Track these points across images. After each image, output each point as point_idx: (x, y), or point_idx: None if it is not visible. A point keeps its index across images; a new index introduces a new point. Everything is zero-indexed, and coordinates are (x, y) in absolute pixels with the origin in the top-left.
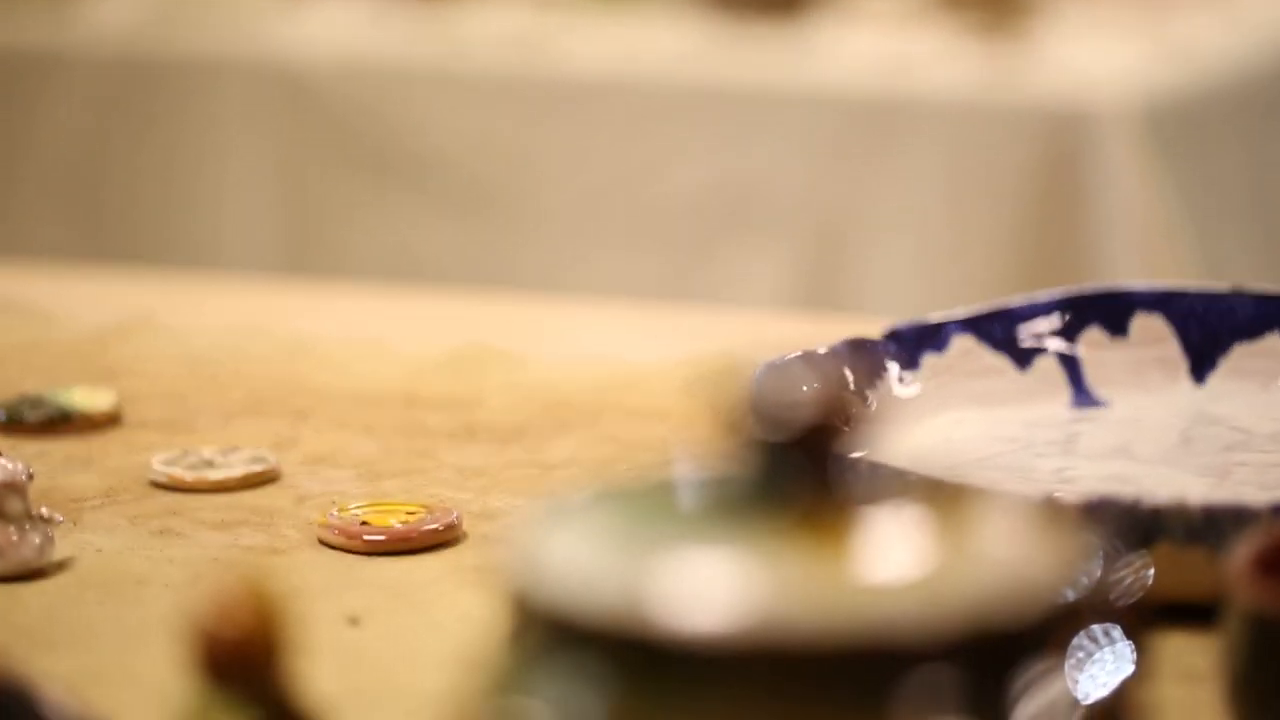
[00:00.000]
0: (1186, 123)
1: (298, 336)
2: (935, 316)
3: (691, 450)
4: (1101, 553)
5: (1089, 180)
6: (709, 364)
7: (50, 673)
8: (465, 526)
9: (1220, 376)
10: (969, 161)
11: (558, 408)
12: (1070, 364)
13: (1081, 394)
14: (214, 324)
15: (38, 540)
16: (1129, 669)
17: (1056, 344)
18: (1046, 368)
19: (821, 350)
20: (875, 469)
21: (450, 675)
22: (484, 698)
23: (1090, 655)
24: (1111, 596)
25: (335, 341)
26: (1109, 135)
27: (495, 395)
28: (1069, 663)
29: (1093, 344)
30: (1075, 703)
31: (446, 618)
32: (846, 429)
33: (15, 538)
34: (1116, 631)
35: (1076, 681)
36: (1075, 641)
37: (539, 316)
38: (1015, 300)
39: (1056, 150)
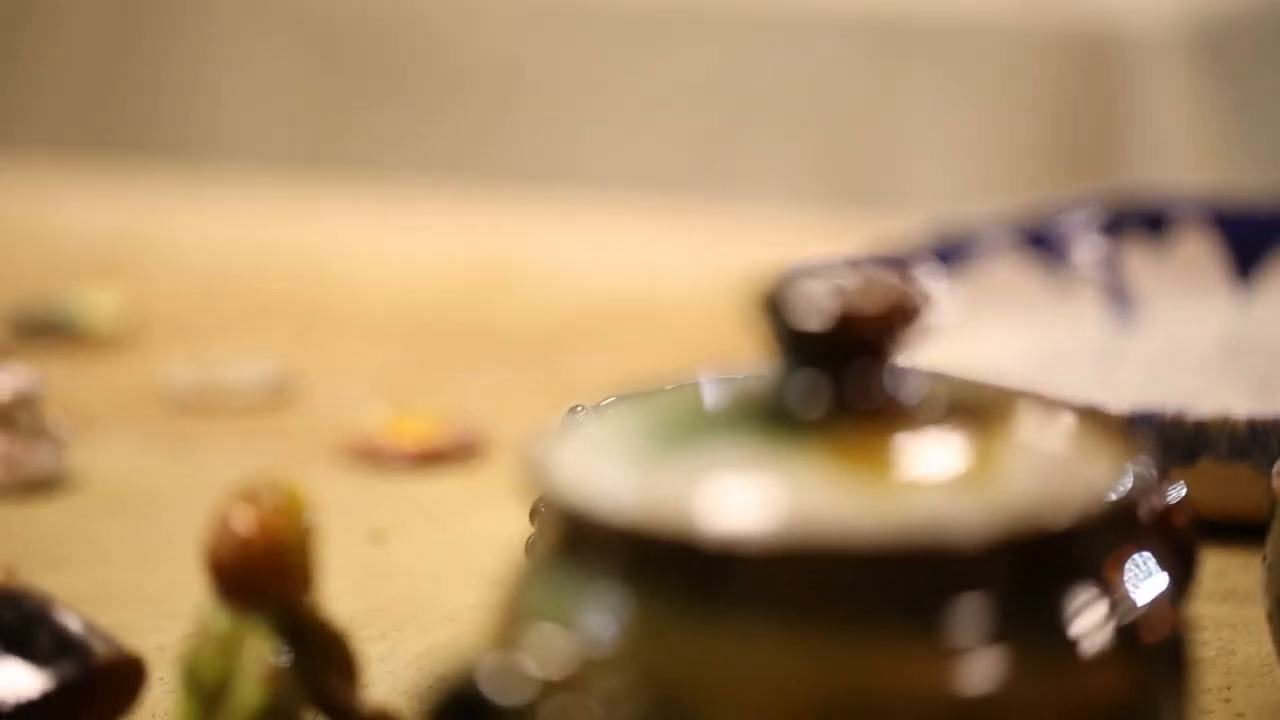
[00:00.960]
0: (1228, 42)
1: (312, 244)
2: (970, 222)
3: (723, 357)
4: (1146, 464)
5: (1129, 102)
6: (747, 267)
7: (61, 589)
8: (487, 439)
9: (1265, 291)
10: (1007, 84)
11: (580, 319)
12: (1111, 275)
13: (1122, 307)
14: (227, 229)
15: (48, 454)
16: (1170, 583)
17: (1097, 255)
18: (1086, 279)
19: (858, 256)
20: (917, 372)
21: (474, 590)
22: (508, 611)
23: (1133, 567)
24: (1154, 508)
25: (351, 248)
26: (1150, 57)
27: (515, 307)
28: (1112, 572)
29: (1135, 256)
30: (1116, 613)
31: (469, 532)
32: (889, 330)
33: (25, 451)
34: (1159, 544)
35: (1119, 592)
36: (1119, 551)
37: (558, 220)
38: (1054, 208)
39: (1096, 73)
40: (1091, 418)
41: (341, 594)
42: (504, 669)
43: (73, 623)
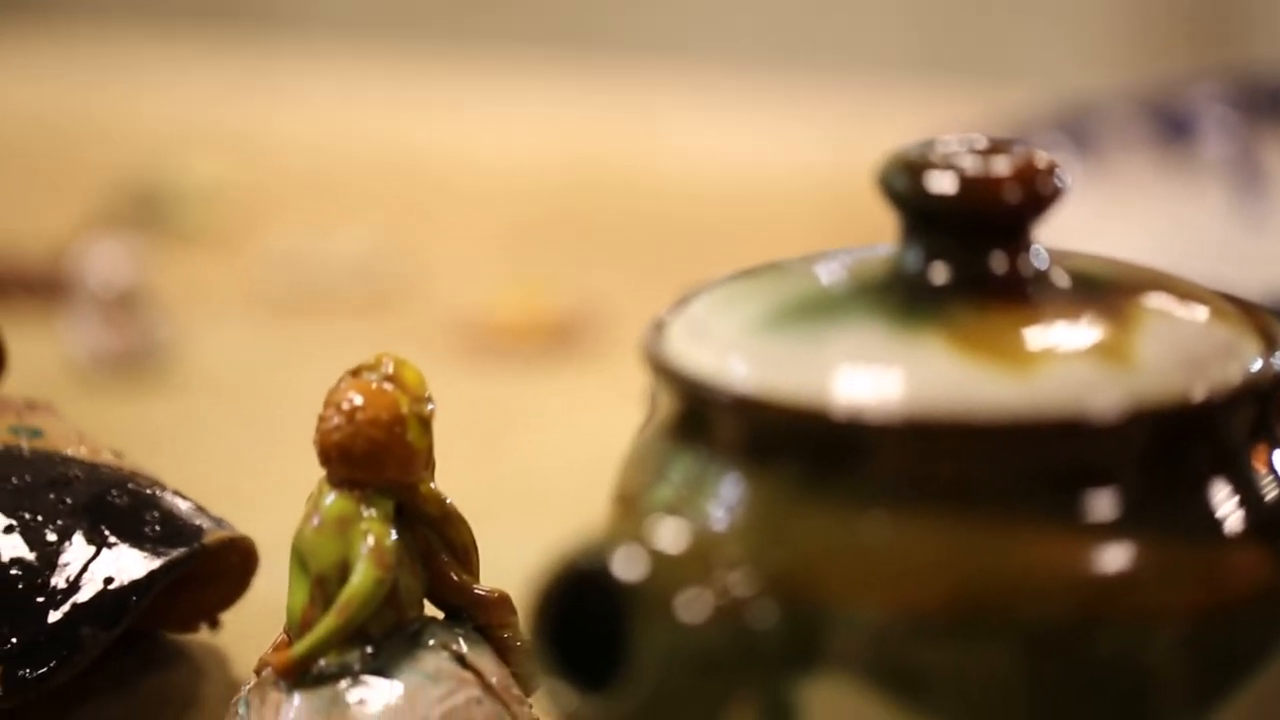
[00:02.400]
0: None
1: (416, 125)
2: (1089, 100)
3: (844, 239)
4: None
5: None
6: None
7: (169, 474)
8: (601, 324)
9: None
10: None
11: (689, 202)
12: (1241, 162)
13: (1253, 195)
14: (329, 108)
15: (155, 339)
16: None
17: (1226, 139)
18: (1214, 165)
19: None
20: (1050, 249)
21: (590, 475)
22: (625, 494)
23: (1272, 450)
24: None
25: (455, 129)
26: None
27: (623, 190)
28: (1251, 455)
29: (1268, 140)
30: (1255, 496)
31: (583, 417)
32: (1023, 203)
33: (132, 337)
34: None
35: (1257, 475)
36: (1257, 434)
37: (660, 99)
38: (1181, 85)
39: None
40: (1229, 301)
41: (457, 479)
42: (622, 548)
43: (182, 505)
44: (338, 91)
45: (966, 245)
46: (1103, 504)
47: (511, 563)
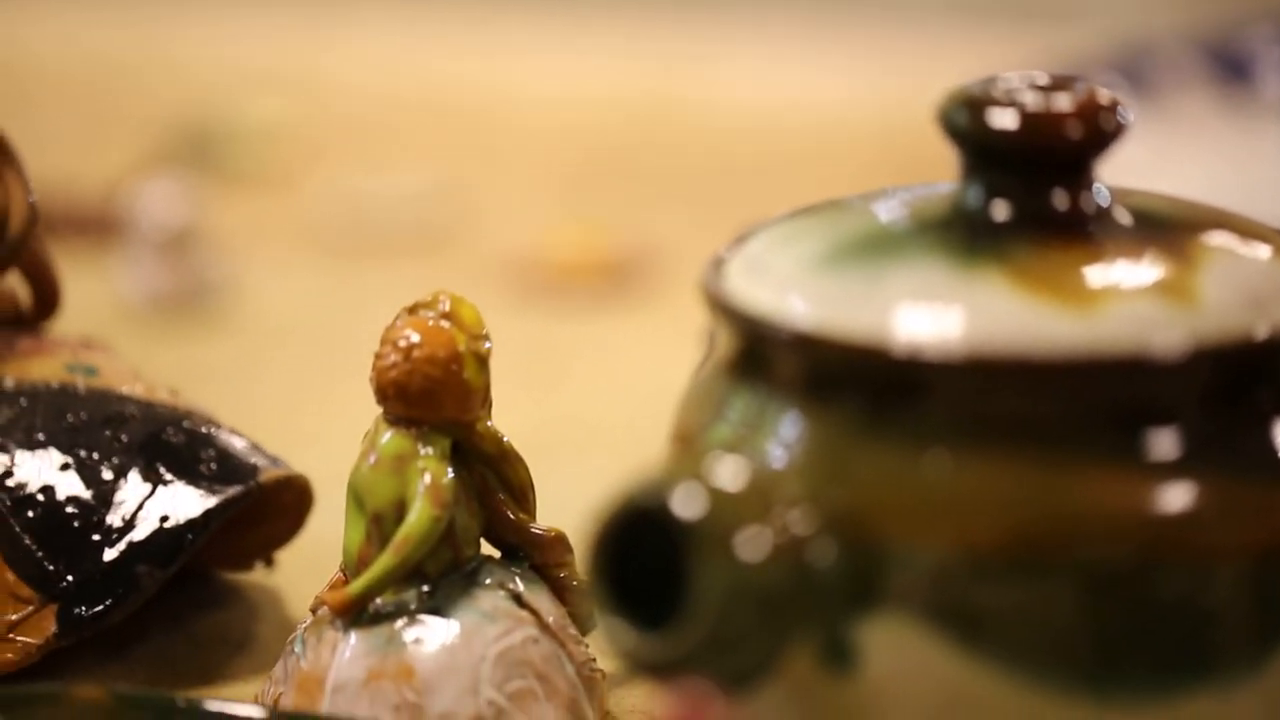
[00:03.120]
0: None
1: (472, 63)
2: (1147, 39)
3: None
4: None
5: None
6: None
7: (225, 413)
8: (659, 263)
9: None
10: None
11: (747, 142)
12: None
13: None
14: (386, 46)
15: (211, 278)
16: None
17: None
18: (1273, 103)
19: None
20: (1111, 186)
21: (648, 414)
22: (684, 432)
23: None
24: None
25: (512, 68)
26: None
27: (682, 130)
28: None
29: None
30: None
31: (641, 356)
32: (1085, 140)
33: (189, 275)
34: None
35: None
36: None
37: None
38: (1239, 23)
39: None
40: None
41: (514, 418)
42: (681, 486)
43: (238, 443)
44: (395, 31)
45: (1028, 182)
46: (1164, 443)
47: (568, 502)
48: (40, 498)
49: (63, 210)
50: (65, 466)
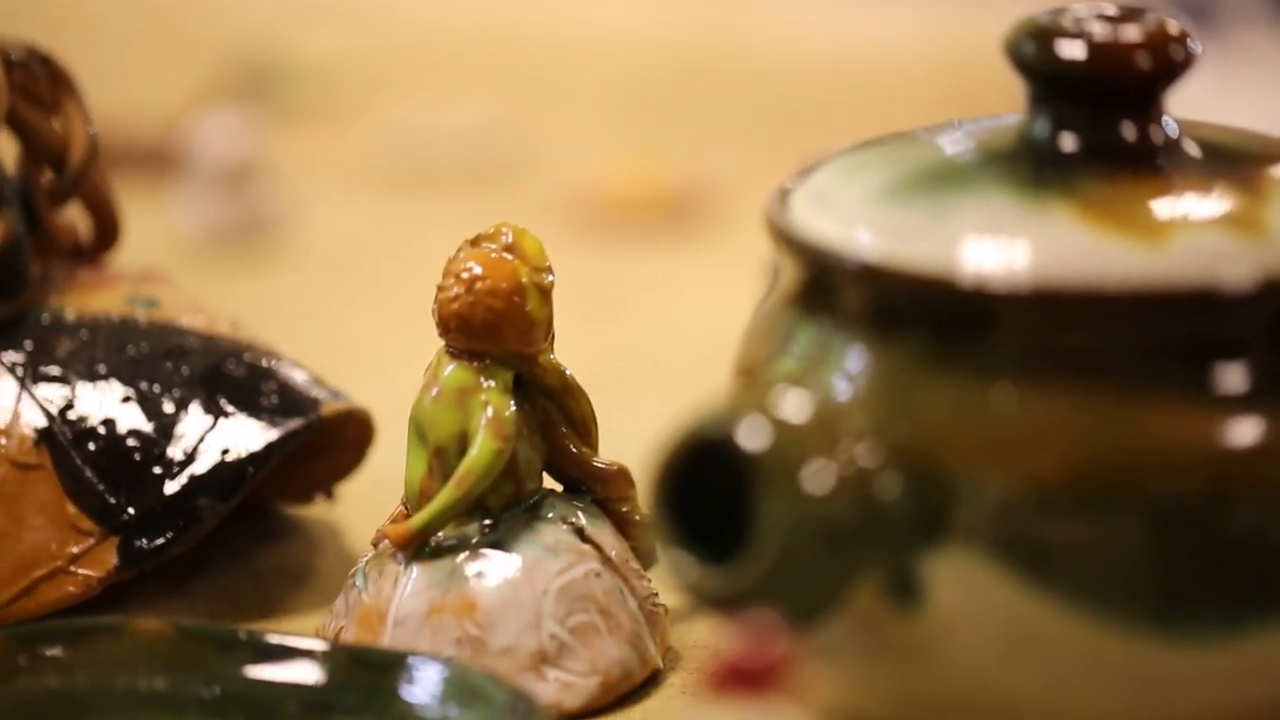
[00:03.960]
0: None
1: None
2: None
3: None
4: None
5: None
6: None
7: (285, 346)
8: (721, 199)
9: None
10: None
11: (812, 79)
12: None
13: None
14: None
15: (271, 212)
16: None
17: None
18: None
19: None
20: (1179, 118)
21: (711, 349)
22: (747, 365)
23: None
24: None
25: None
26: None
27: (746, 65)
28: None
29: None
30: None
31: (704, 291)
32: (1153, 71)
33: (249, 209)
34: None
35: None
36: None
37: None
38: None
39: None
40: None
41: (575, 352)
42: (745, 419)
43: (299, 376)
44: None
45: (1096, 114)
46: (1233, 376)
47: (630, 436)
48: (101, 430)
49: (121, 144)
50: (126, 399)
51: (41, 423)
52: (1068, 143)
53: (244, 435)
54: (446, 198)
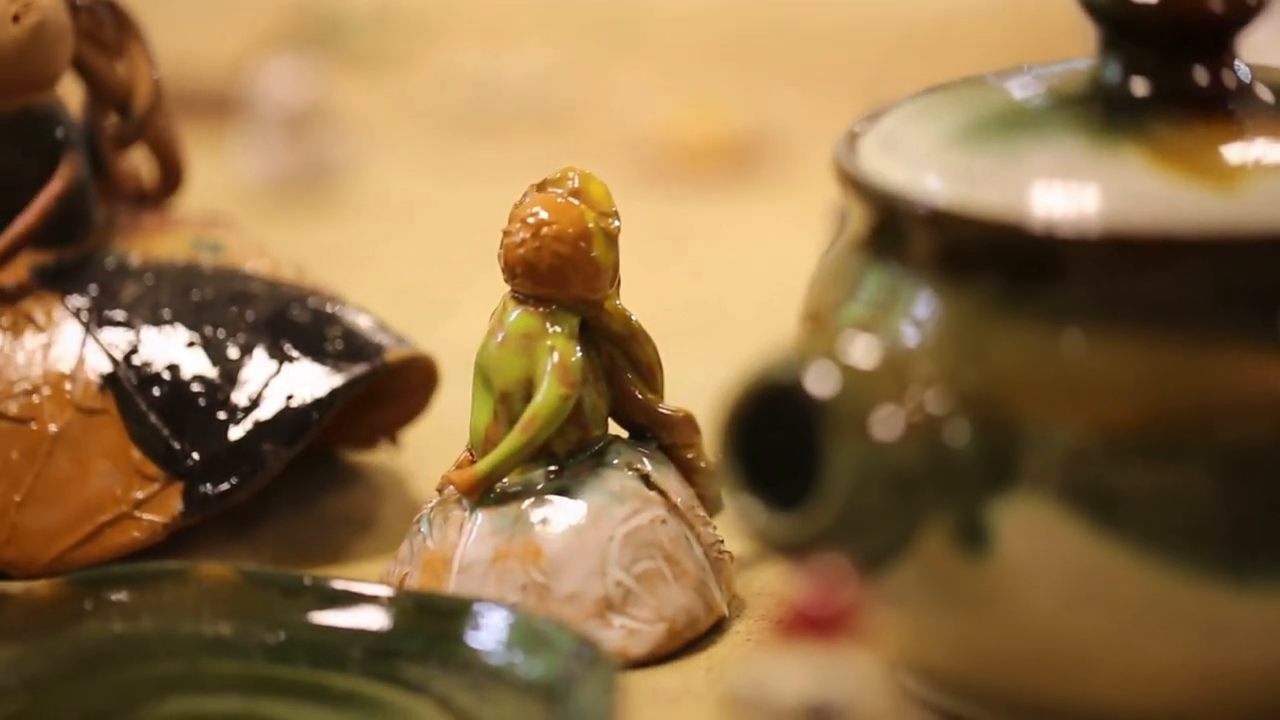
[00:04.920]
0: None
1: None
2: None
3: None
4: None
5: None
6: None
7: (350, 292)
8: (789, 148)
9: None
10: None
11: (870, 32)
12: None
13: None
14: None
15: (334, 159)
16: None
17: None
18: None
19: None
20: (1251, 64)
21: (778, 296)
22: (815, 311)
23: None
24: None
25: None
26: None
27: (804, 18)
28: None
29: None
30: None
31: (771, 238)
32: (1227, 14)
33: (312, 156)
34: None
35: None
36: None
37: None
38: None
39: None
40: None
41: (640, 298)
42: (814, 364)
43: (363, 322)
44: None
45: (1167, 58)
46: None
47: (695, 382)
48: (166, 376)
49: (185, 90)
50: (191, 344)
51: (106, 368)
52: (1139, 87)
53: (308, 381)
54: (508, 145)
